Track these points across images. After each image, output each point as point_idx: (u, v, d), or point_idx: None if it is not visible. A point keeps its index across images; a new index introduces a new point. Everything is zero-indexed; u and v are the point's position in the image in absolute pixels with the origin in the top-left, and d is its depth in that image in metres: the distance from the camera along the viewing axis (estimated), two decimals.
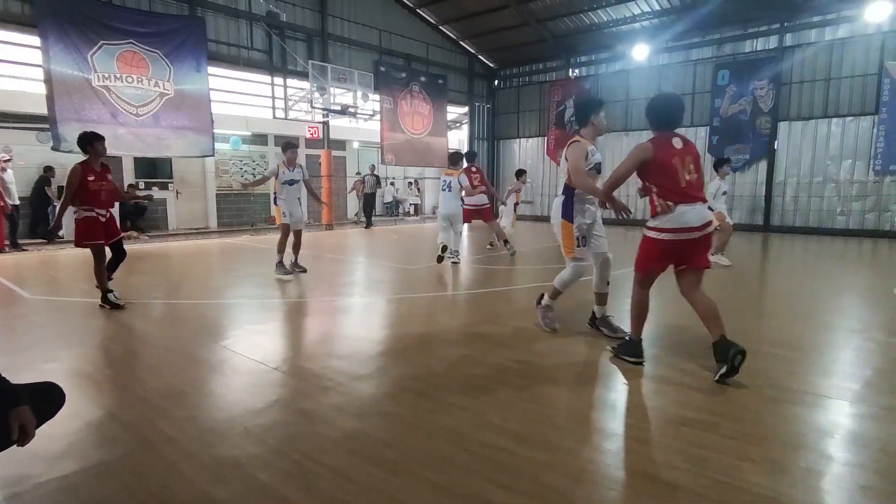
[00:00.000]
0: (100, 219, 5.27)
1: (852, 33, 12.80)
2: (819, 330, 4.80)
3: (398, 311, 5.42)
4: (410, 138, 16.87)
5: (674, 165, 3.48)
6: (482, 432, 2.62)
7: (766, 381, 3.33)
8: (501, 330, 4.58)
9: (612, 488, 2.17)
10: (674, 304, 5.71)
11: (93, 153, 5.29)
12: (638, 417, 2.84)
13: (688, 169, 3.49)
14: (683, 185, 3.42)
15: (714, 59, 14.85)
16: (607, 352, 3.93)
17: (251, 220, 15.03)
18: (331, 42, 14.72)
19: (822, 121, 13.39)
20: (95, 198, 5.21)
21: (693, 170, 3.52)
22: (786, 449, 2.48)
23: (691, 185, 3.45)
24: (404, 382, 3.33)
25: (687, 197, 3.40)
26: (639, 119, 16.43)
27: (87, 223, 5.20)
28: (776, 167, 14.06)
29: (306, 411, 2.87)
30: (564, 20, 16.22)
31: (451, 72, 18.38)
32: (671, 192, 3.42)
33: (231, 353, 3.90)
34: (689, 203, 3.40)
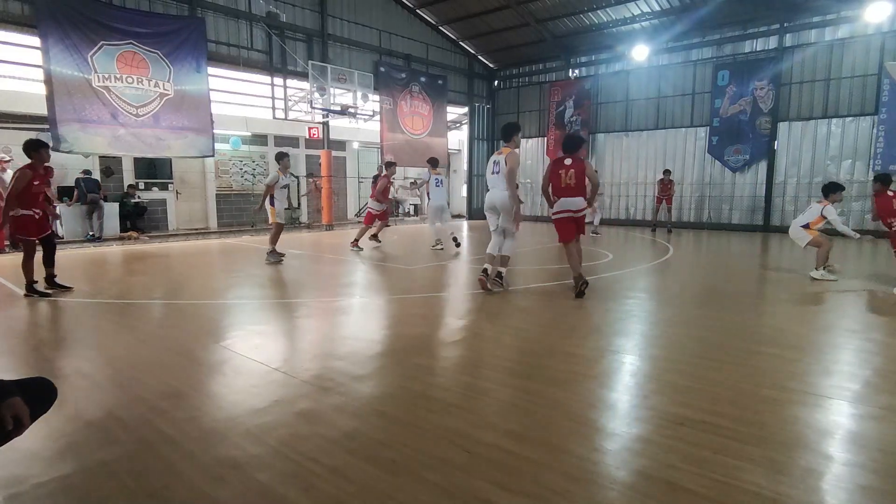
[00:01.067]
0: (35, 216, 5.81)
1: (852, 34, 12.80)
2: (818, 330, 4.80)
3: (397, 312, 5.42)
4: (410, 139, 16.87)
5: (559, 175, 5.91)
6: (482, 432, 2.62)
7: (766, 382, 3.33)
8: (501, 330, 4.58)
9: (613, 488, 2.17)
10: (669, 309, 5.72)
11: (37, 159, 5.76)
12: (638, 417, 2.84)
13: (569, 177, 5.83)
14: (563, 186, 5.86)
15: (714, 60, 14.85)
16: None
17: (251, 220, 15.04)
18: (331, 42, 14.73)
19: (822, 121, 13.39)
20: (35, 199, 5.77)
21: (572, 177, 5.82)
22: (785, 449, 2.48)
23: (569, 187, 5.84)
24: (404, 383, 3.33)
25: (565, 193, 5.89)
26: (638, 120, 16.44)
27: (24, 221, 5.73)
28: (776, 167, 14.06)
29: (306, 412, 2.87)
30: (564, 20, 16.23)
31: (451, 72, 18.39)
32: (556, 190, 5.96)
33: (231, 353, 3.90)
34: (568, 197, 5.88)
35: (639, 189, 16.53)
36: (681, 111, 15.61)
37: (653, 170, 16.09)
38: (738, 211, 14.77)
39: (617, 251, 10.01)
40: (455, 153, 21.41)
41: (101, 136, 10.69)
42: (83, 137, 10.32)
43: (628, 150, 16.70)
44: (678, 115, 15.67)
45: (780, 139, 13.97)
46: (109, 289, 6.53)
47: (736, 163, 14.58)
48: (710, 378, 3.39)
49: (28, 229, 5.78)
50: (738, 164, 14.55)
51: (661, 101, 15.97)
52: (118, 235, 11.84)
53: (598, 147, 17.37)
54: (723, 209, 15.01)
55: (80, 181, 11.45)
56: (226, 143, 14.20)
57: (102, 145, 10.82)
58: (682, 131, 15.61)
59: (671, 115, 15.82)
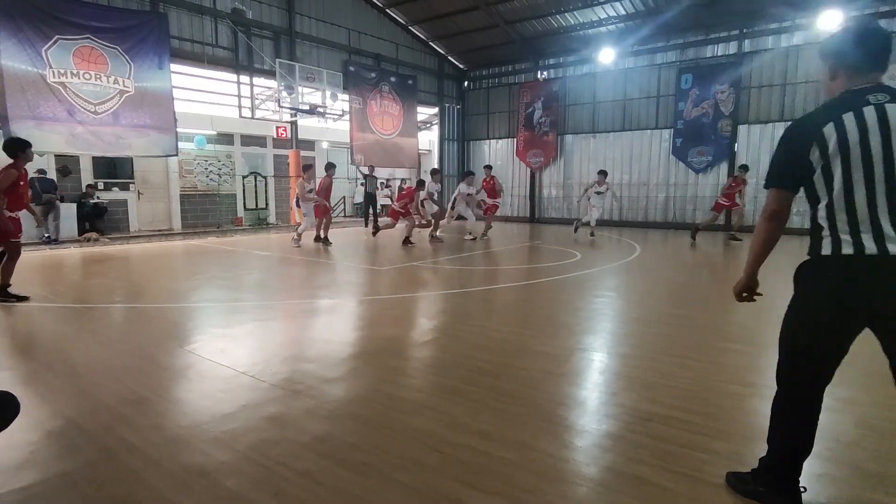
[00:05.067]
0: (18, 218, 5.62)
1: (806, 40, 13.35)
2: (777, 325, 4.97)
3: (369, 313, 5.38)
4: (380, 139, 16.79)
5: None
6: (454, 433, 2.62)
7: (730, 377, 3.44)
8: (472, 330, 4.60)
9: (582, 485, 2.20)
10: (638, 307, 5.85)
11: (24, 158, 5.55)
12: (607, 414, 2.89)
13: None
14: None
15: (678, 64, 15.26)
16: None
17: (217, 221, 14.69)
18: (299, 41, 14.52)
19: (779, 124, 13.90)
20: (21, 200, 5.57)
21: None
22: (748, 442, 2.56)
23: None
24: (375, 384, 3.31)
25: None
26: (605, 121, 16.76)
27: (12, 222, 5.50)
28: (737, 169, 14.50)
29: (275, 416, 2.82)
30: (533, 23, 16.41)
31: (421, 72, 18.37)
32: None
33: (197, 357, 3.80)
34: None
35: None
36: (646, 113, 15.99)
37: (619, 171, 16.43)
38: (701, 211, 15.18)
39: (585, 250, 10.18)
40: (425, 153, 21.39)
41: (58, 133, 10.28)
42: (38, 135, 9.88)
43: (596, 151, 17.01)
44: (643, 117, 16.04)
45: (740, 141, 14.46)
46: (68, 293, 6.28)
47: (699, 164, 15.01)
48: (678, 374, 3.47)
49: (16, 231, 5.54)
50: (701, 166, 14.98)
51: (627, 103, 16.32)
52: (76, 237, 11.39)
53: (566, 148, 17.63)
54: (687, 209, 15.44)
55: (35, 181, 10.96)
56: (190, 142, 13.83)
57: (59, 143, 10.40)
58: (648, 133, 15.99)
59: (637, 117, 16.18)
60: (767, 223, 2.00)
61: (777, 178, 1.94)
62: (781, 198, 1.94)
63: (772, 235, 2.03)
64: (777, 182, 1.94)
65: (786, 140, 1.92)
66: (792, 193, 1.94)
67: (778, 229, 2.01)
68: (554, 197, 18.17)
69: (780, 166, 1.93)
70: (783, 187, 1.93)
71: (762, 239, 2.05)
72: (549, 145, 17.83)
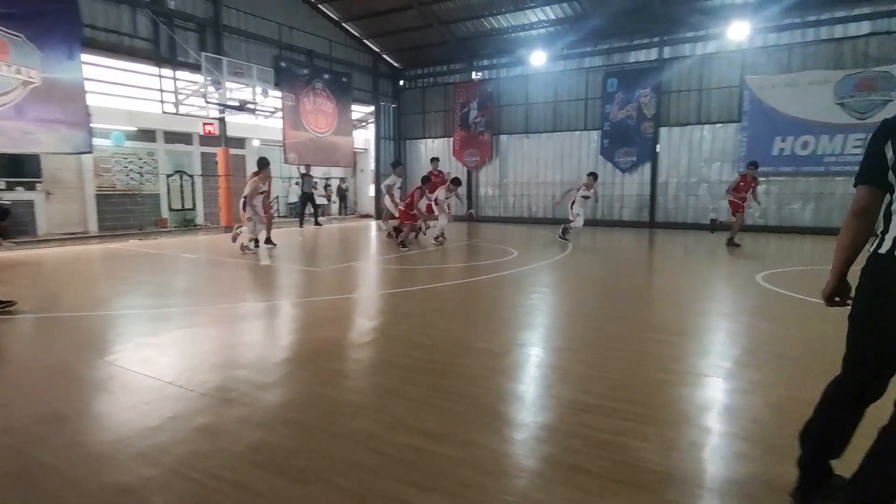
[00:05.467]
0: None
1: (718, 49, 14.33)
2: (696, 315, 5.32)
3: (305, 315, 5.25)
4: (314, 137, 16.40)
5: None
6: (395, 433, 2.61)
7: (656, 366, 3.64)
8: (413, 329, 4.60)
9: (522, 477, 2.26)
10: (570, 302, 6.06)
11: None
12: (544, 406, 2.98)
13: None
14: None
15: (604, 68, 15.95)
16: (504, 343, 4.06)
17: (139, 222, 13.81)
18: (226, 34, 13.90)
19: (696, 127, 14.89)
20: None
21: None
22: (673, 426, 2.72)
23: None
24: (313, 388, 3.24)
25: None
26: (537, 122, 17.25)
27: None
28: (659, 169, 15.41)
29: (206, 426, 2.70)
30: (467, 24, 16.60)
31: (356, 70, 18.12)
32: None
33: (119, 369, 3.57)
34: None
35: (540, 189, 17.33)
36: (575, 115, 16.61)
37: (552, 170, 17.00)
38: (627, 209, 16.00)
39: (521, 248, 10.43)
40: (361, 152, 21.14)
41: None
42: None
43: (529, 151, 17.47)
44: (573, 118, 16.65)
45: (662, 143, 15.33)
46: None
47: (625, 164, 15.77)
48: (608, 365, 3.64)
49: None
50: (626, 165, 15.75)
51: (558, 104, 16.88)
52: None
53: (501, 148, 17.98)
54: (614, 207, 16.18)
55: None
56: (107, 138, 12.91)
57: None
58: (577, 134, 16.62)
59: (567, 118, 16.77)
60: (854, 220, 1.89)
61: (862, 174, 1.91)
62: (866, 194, 1.87)
63: (859, 233, 1.89)
64: (862, 178, 1.90)
65: (871, 137, 1.90)
66: (878, 190, 1.86)
67: (865, 227, 1.89)
68: (490, 196, 18.48)
69: (865, 163, 1.90)
70: (867, 183, 1.89)
71: (850, 237, 1.90)
72: (484, 145, 18.11)
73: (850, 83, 12.71)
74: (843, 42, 12.94)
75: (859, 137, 12.70)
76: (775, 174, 13.80)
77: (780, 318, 5.04)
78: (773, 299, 5.83)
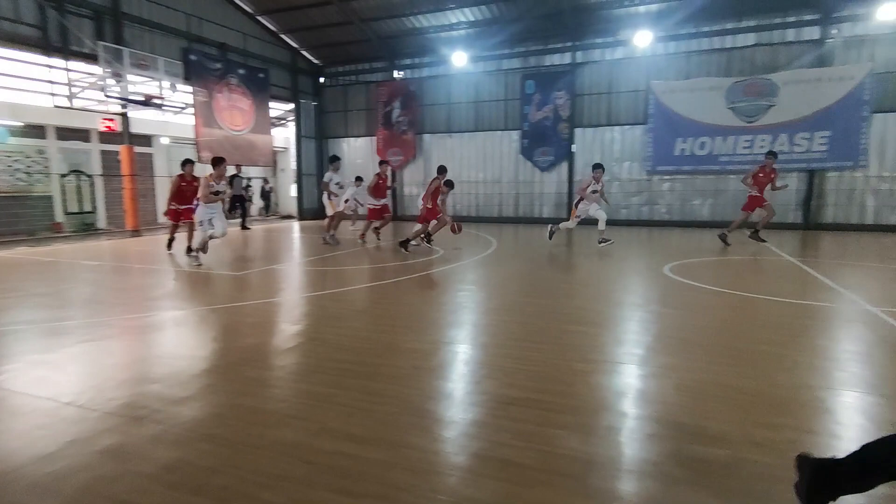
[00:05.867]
0: None
1: (626, 55, 15.24)
2: (612, 306, 5.63)
3: (225, 322, 4.99)
4: (230, 135, 15.62)
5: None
6: (323, 441, 2.55)
7: (576, 356, 3.81)
8: (339, 332, 4.50)
9: (452, 474, 2.28)
10: (496, 298, 6.20)
11: None
12: (472, 402, 3.03)
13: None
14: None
15: (521, 70, 16.46)
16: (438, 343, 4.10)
17: (29, 227, 12.49)
18: (127, 23, 12.89)
19: (607, 128, 15.75)
20: None
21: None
22: (593, 413, 2.86)
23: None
24: (234, 399, 3.08)
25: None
26: (460, 122, 17.48)
27: None
28: (575, 168, 16.13)
29: (112, 448, 2.49)
30: (388, 22, 16.49)
31: (273, 66, 17.46)
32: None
33: (6, 391, 3.21)
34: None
35: (464, 187, 17.58)
36: (496, 115, 17.01)
37: (475, 169, 17.32)
38: (546, 206, 16.63)
39: (446, 246, 10.53)
40: (282, 151, 20.42)
41: None
42: None
43: (452, 150, 17.67)
44: (494, 118, 17.05)
45: (577, 143, 16.08)
46: None
47: (544, 163, 16.38)
48: (532, 358, 3.76)
49: None
50: (545, 165, 16.36)
51: (479, 105, 17.21)
52: None
53: (424, 147, 18.05)
54: (534, 204, 16.77)
55: None
56: None
57: None
58: (498, 134, 17.04)
59: (488, 118, 17.14)
60: None
61: None
62: None
63: None
64: None
65: None
66: None
67: None
68: (415, 195, 18.48)
69: None
70: None
71: None
72: (408, 144, 18.09)
73: (739, 89, 13.97)
74: (732, 51, 14.20)
75: (748, 139, 14.03)
76: (678, 173, 14.94)
77: (686, 306, 5.45)
78: (679, 289, 6.29)
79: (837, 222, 13.71)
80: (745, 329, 4.58)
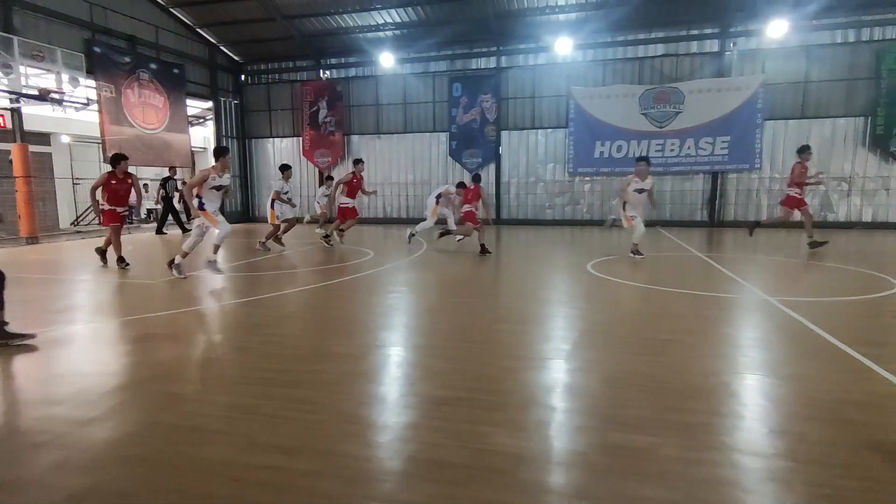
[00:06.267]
0: None
1: (548, 61, 15.82)
2: (539, 304, 5.81)
3: (139, 335, 4.65)
4: (142, 134, 14.63)
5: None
6: (251, 455, 2.44)
7: (506, 354, 3.90)
8: (265, 340, 4.33)
9: (386, 480, 2.26)
10: (427, 299, 6.23)
11: None
12: (406, 405, 3.02)
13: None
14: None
15: (448, 73, 16.65)
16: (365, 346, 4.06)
17: None
18: (18, 9, 11.72)
19: (532, 131, 16.29)
20: None
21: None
22: (523, 409, 2.94)
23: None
24: (151, 417, 2.89)
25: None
26: (389, 123, 17.41)
27: None
28: (502, 169, 16.55)
29: (7, 482, 2.26)
30: (312, 20, 16.11)
31: (190, 61, 16.54)
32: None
33: None
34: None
35: (394, 189, 17.52)
36: (425, 117, 17.09)
37: (405, 171, 17.31)
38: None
39: (377, 248, 10.44)
40: (201, 151, 19.38)
41: None
42: None
43: (382, 151, 17.55)
44: (423, 120, 17.12)
45: (503, 145, 16.49)
46: None
47: (472, 165, 16.65)
48: (463, 357, 3.80)
49: None
50: (473, 166, 16.63)
51: (408, 107, 17.22)
52: None
53: (353, 148, 17.80)
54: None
55: None
56: None
57: None
58: (427, 136, 17.14)
59: (417, 120, 17.19)
60: None
61: None
62: None
63: None
64: None
65: None
66: None
67: None
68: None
69: None
70: None
71: None
72: (336, 145, 17.76)
73: (651, 96, 14.93)
74: (644, 61, 15.14)
75: (659, 143, 15.03)
76: (597, 174, 15.75)
77: (608, 301, 5.73)
78: (602, 285, 6.61)
79: (738, 220, 14.96)
80: (661, 321, 4.88)
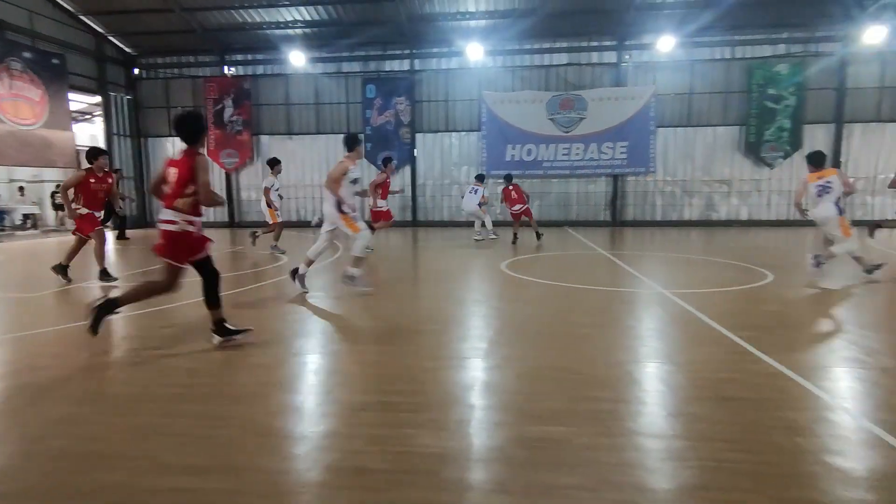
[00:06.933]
0: None
1: (461, 65, 16.15)
2: (456, 304, 5.91)
3: (14, 356, 4.15)
4: (15, 130, 13.10)
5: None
6: (157, 478, 2.27)
7: (426, 354, 3.93)
8: (168, 353, 4.04)
9: (304, 492, 2.20)
10: (345, 303, 6.13)
11: None
12: (324, 413, 2.95)
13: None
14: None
15: (362, 74, 16.49)
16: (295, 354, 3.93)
17: None
18: None
19: (446, 134, 16.55)
20: None
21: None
22: (443, 408, 2.98)
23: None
24: (35, 445, 2.59)
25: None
26: (301, 124, 16.91)
27: None
28: (418, 171, 16.66)
29: None
30: (215, 13, 15.28)
31: (72, 51, 15.05)
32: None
33: None
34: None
35: (307, 191, 17.03)
36: (337, 118, 16.80)
37: (319, 173, 16.87)
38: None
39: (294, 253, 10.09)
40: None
41: None
42: None
43: (294, 153, 16.99)
44: (335, 121, 16.81)
45: (418, 148, 16.59)
46: None
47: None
48: (383, 361, 3.79)
49: None
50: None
51: (320, 107, 16.83)
52: None
53: (262, 149, 17.09)
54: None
55: None
56: None
57: None
58: (340, 137, 16.79)
59: (330, 121, 16.85)
60: None
61: None
62: None
63: None
64: None
65: None
66: None
67: None
68: (254, 199, 17.38)
69: None
70: None
71: None
72: (244, 145, 16.95)
73: (557, 102, 15.72)
74: (550, 69, 15.91)
75: (565, 146, 15.86)
76: None
77: (521, 300, 5.95)
78: (515, 284, 6.85)
79: (636, 219, 16.14)
80: (569, 316, 5.15)
